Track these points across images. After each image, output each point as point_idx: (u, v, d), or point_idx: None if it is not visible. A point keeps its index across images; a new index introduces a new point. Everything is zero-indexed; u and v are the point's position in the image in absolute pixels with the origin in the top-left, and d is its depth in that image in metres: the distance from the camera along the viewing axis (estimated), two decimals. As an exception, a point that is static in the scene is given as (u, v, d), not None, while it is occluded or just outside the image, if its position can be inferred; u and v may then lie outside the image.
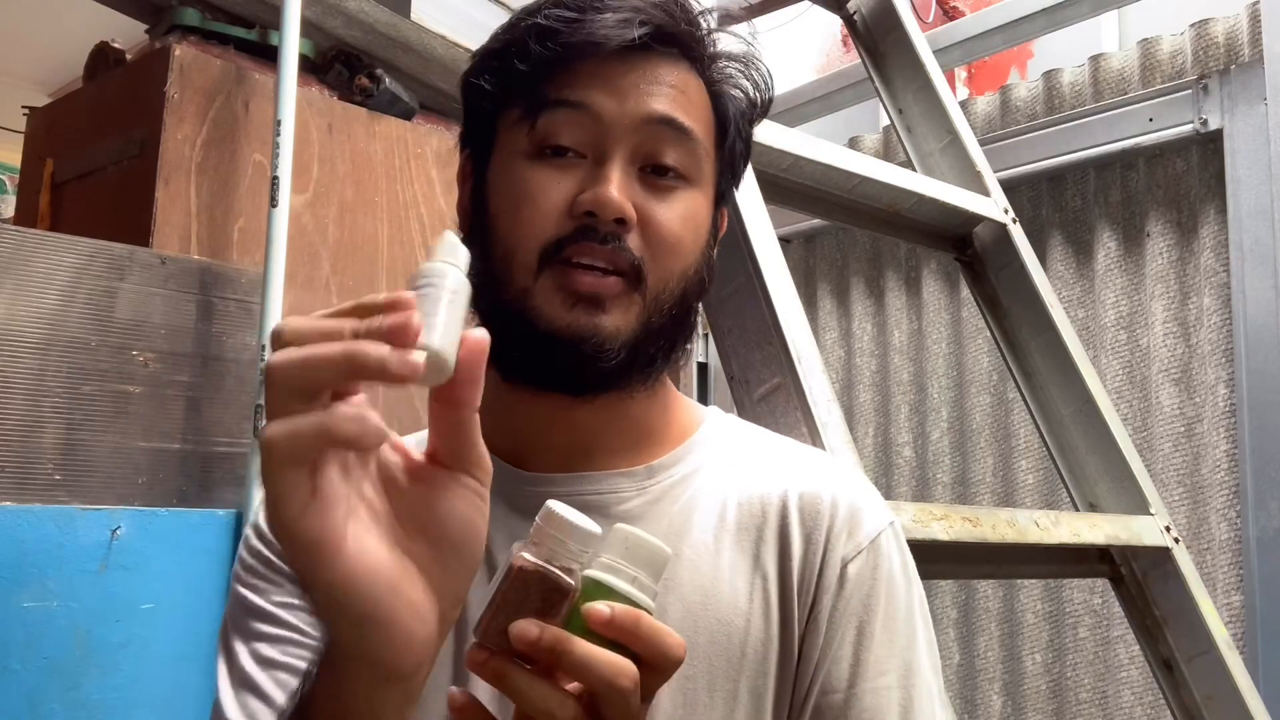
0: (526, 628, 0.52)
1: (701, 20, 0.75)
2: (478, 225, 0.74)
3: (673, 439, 0.78)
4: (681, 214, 0.72)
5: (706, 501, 0.75)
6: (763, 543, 0.73)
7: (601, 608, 0.53)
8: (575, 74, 0.71)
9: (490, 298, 0.71)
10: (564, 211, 0.69)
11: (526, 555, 0.54)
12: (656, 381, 0.75)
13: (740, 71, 0.77)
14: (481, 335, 0.51)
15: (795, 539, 0.72)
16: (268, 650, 0.73)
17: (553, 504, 0.55)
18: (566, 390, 0.72)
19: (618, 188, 0.69)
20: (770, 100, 0.80)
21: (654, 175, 0.71)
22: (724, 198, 0.79)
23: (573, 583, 0.54)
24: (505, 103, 0.74)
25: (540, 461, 0.75)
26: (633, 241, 0.69)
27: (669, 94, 0.72)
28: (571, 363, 0.69)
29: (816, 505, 0.73)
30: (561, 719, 0.52)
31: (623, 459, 0.75)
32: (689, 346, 0.77)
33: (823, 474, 0.77)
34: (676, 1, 0.73)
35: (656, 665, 0.54)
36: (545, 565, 0.54)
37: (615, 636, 0.53)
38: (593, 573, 0.55)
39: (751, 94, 0.78)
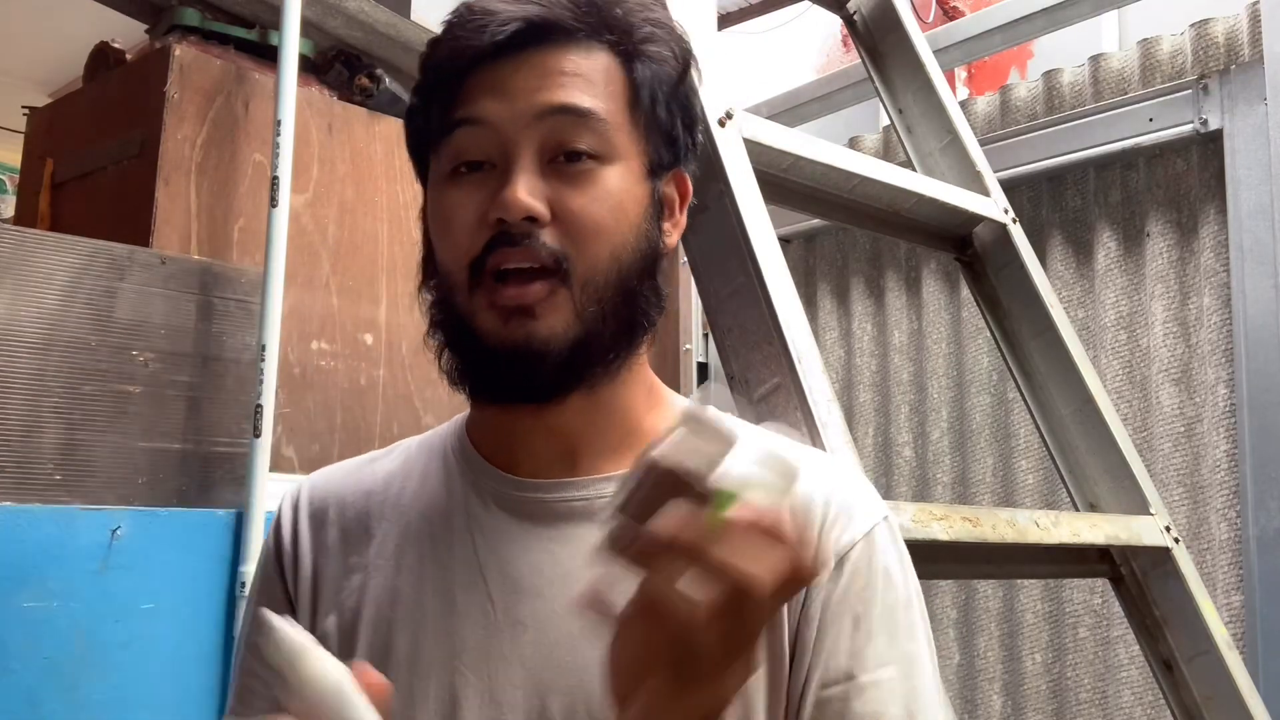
0: (668, 524, 0.52)
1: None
2: (427, 253, 0.77)
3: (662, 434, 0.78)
4: (597, 195, 0.71)
5: None
6: None
7: (746, 508, 0.52)
8: (470, 89, 0.72)
9: (443, 320, 0.73)
10: (479, 223, 0.70)
11: (665, 451, 0.54)
12: (621, 369, 0.75)
13: (651, 35, 0.75)
14: None
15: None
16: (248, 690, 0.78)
17: (693, 407, 0.54)
18: (524, 400, 0.72)
19: (523, 187, 0.69)
20: (687, 49, 0.78)
21: (566, 163, 0.71)
22: (662, 165, 0.76)
23: (710, 484, 0.53)
24: (428, 136, 0.75)
25: (529, 467, 0.76)
26: (550, 236, 0.69)
27: (561, 82, 0.71)
28: (517, 375, 0.70)
29: (807, 502, 0.74)
30: (693, 611, 0.51)
31: (610, 461, 0.75)
32: (650, 327, 0.76)
33: (815, 471, 0.76)
34: None
35: (797, 572, 0.53)
36: (681, 464, 0.53)
37: (758, 537, 0.52)
38: (733, 475, 0.54)
39: (666, 55, 0.76)
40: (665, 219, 0.77)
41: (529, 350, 0.69)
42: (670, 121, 0.76)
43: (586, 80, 0.72)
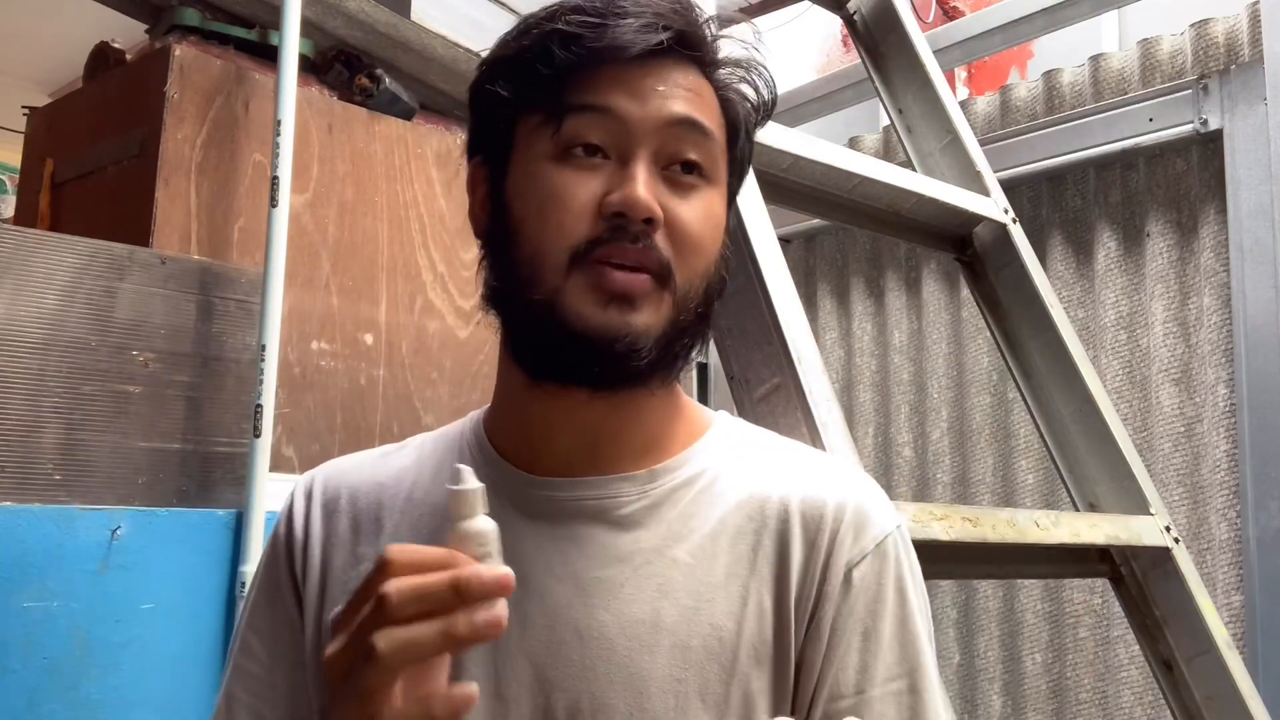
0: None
1: (708, 25, 0.76)
2: (498, 230, 0.75)
3: (679, 443, 0.78)
4: (703, 213, 0.73)
5: (706, 507, 0.75)
6: (760, 548, 0.73)
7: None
8: (597, 78, 0.72)
9: (518, 299, 0.72)
10: (593, 212, 0.70)
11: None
12: (676, 377, 0.76)
13: (745, 76, 0.78)
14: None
15: (796, 545, 0.73)
16: (239, 689, 0.78)
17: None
18: (595, 385, 0.72)
19: (645, 187, 0.70)
20: (774, 103, 0.81)
21: (680, 173, 0.72)
22: (733, 199, 0.80)
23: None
24: (524, 108, 0.74)
25: (548, 465, 0.76)
26: (660, 241, 0.70)
27: (687, 96, 0.73)
28: (605, 360, 0.70)
29: (820, 511, 0.74)
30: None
31: (628, 462, 0.76)
32: (705, 343, 0.77)
33: (827, 479, 0.77)
34: (685, 7, 0.75)
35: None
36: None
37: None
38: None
39: (755, 98, 0.79)
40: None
41: (628, 338, 0.69)
42: (744, 162, 0.80)
43: (706, 102, 0.74)
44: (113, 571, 1.35)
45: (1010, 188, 1.75)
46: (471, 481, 0.61)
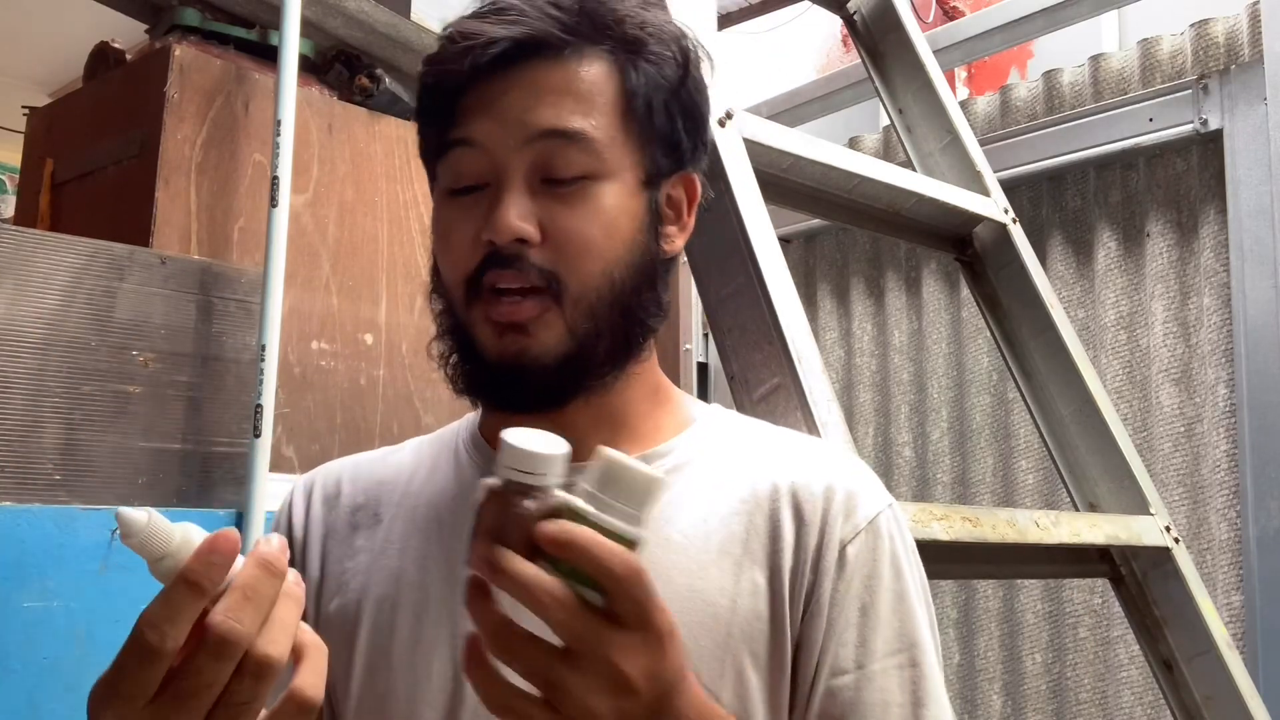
0: (477, 548, 0.54)
1: (585, 5, 0.73)
2: (434, 262, 0.78)
3: (668, 431, 0.79)
4: (588, 213, 0.71)
5: (698, 490, 0.76)
6: (753, 529, 0.74)
7: (549, 526, 0.53)
8: (464, 109, 0.73)
9: (450, 328, 0.76)
10: (474, 243, 0.71)
11: (491, 481, 0.55)
12: (618, 379, 0.76)
13: (646, 38, 0.75)
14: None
15: (788, 525, 0.74)
16: None
17: (505, 433, 0.56)
18: (518, 411, 0.74)
19: (513, 210, 0.70)
20: (689, 57, 0.77)
21: (556, 185, 0.72)
22: (664, 172, 0.76)
23: (531, 506, 0.54)
24: (429, 150, 0.78)
25: None
26: (541, 256, 0.70)
27: (551, 101, 0.71)
28: (511, 387, 0.72)
29: (811, 491, 0.75)
30: (499, 642, 0.55)
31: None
32: (650, 336, 0.77)
33: (818, 461, 0.78)
34: (551, 1, 0.72)
35: (609, 587, 0.54)
36: (503, 489, 0.54)
37: (558, 553, 0.53)
38: (566, 497, 0.54)
39: (667, 58, 0.75)
40: (670, 224, 0.78)
41: (521, 365, 0.71)
42: (670, 126, 0.76)
43: (576, 97, 0.72)
44: (113, 571, 1.35)
45: (1010, 188, 1.75)
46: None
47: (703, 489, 0.76)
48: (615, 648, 0.54)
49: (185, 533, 0.56)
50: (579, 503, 0.54)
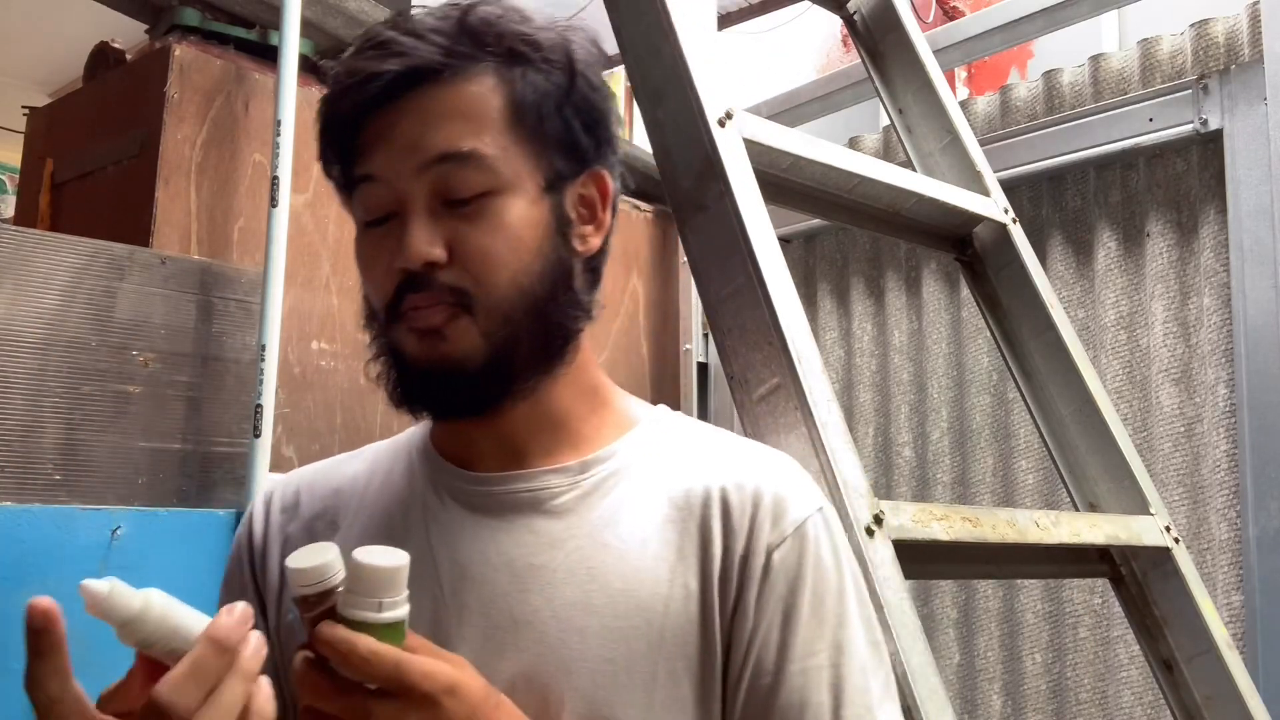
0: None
1: (464, 25, 0.75)
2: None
3: (608, 435, 0.81)
4: (490, 229, 0.74)
5: (636, 494, 0.78)
6: (686, 534, 0.76)
7: (318, 630, 0.62)
8: (361, 144, 0.75)
9: (382, 349, 0.79)
10: (387, 272, 0.74)
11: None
12: (552, 380, 0.79)
13: (527, 49, 0.76)
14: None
15: (716, 530, 0.76)
16: None
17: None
18: (446, 416, 0.78)
19: (418, 237, 0.73)
20: (573, 63, 0.77)
21: (457, 205, 0.74)
22: (566, 175, 0.78)
23: (307, 614, 0.64)
24: (339, 186, 0.81)
25: (483, 463, 0.80)
26: (451, 275, 0.73)
27: (441, 125, 0.73)
28: (436, 391, 0.75)
29: (740, 497, 0.77)
30: None
31: (558, 455, 0.79)
32: (574, 336, 0.79)
33: (750, 467, 0.79)
34: (430, 25, 0.74)
35: (358, 669, 0.62)
36: (299, 600, 0.64)
37: (320, 650, 0.62)
38: (333, 601, 0.63)
39: (554, 58, 0.77)
40: (585, 223, 0.79)
41: (443, 369, 0.74)
42: (565, 129, 0.77)
43: (465, 118, 0.74)
44: (113, 571, 1.35)
45: (1010, 188, 1.75)
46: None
47: (641, 494, 0.78)
48: (380, 714, 0.62)
49: (147, 598, 0.62)
50: (340, 604, 0.63)
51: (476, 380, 0.74)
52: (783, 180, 1.31)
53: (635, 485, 0.79)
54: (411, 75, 0.73)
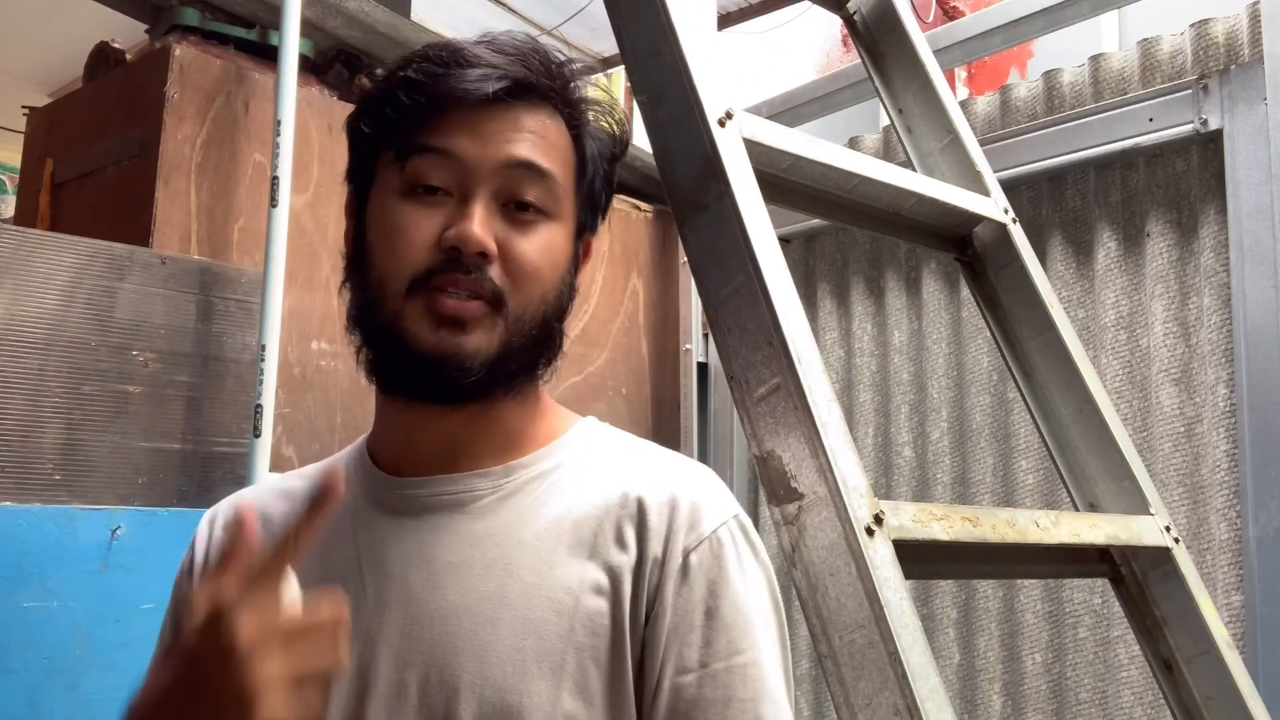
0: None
1: (562, 71, 0.84)
2: (356, 255, 0.83)
3: (537, 442, 0.86)
4: (540, 246, 0.80)
5: (556, 496, 0.83)
6: (601, 533, 0.80)
7: None
8: (442, 122, 0.79)
9: (368, 320, 0.81)
10: (432, 244, 0.78)
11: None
12: (519, 392, 0.84)
13: (600, 115, 0.87)
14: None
15: (629, 533, 0.80)
16: None
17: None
18: (434, 401, 0.81)
19: (480, 224, 0.77)
20: (627, 140, 0.90)
21: (516, 211, 0.80)
22: (585, 229, 0.87)
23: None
24: (381, 146, 0.82)
25: (411, 467, 0.84)
26: (494, 272, 0.78)
27: (528, 139, 0.80)
28: (437, 378, 0.78)
29: (657, 502, 0.81)
30: None
31: (485, 460, 0.83)
32: (553, 362, 0.85)
33: (669, 475, 0.84)
34: (538, 56, 0.82)
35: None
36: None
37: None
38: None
39: (607, 136, 0.88)
40: (577, 274, 0.87)
41: (456, 358, 0.77)
42: (598, 194, 0.87)
43: (549, 144, 0.82)
44: (113, 571, 1.35)
45: (1010, 188, 1.75)
46: None
47: (562, 494, 0.82)
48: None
49: None
50: None
51: (477, 376, 0.77)
52: (783, 180, 1.31)
53: (556, 487, 0.83)
54: (524, 87, 0.80)
